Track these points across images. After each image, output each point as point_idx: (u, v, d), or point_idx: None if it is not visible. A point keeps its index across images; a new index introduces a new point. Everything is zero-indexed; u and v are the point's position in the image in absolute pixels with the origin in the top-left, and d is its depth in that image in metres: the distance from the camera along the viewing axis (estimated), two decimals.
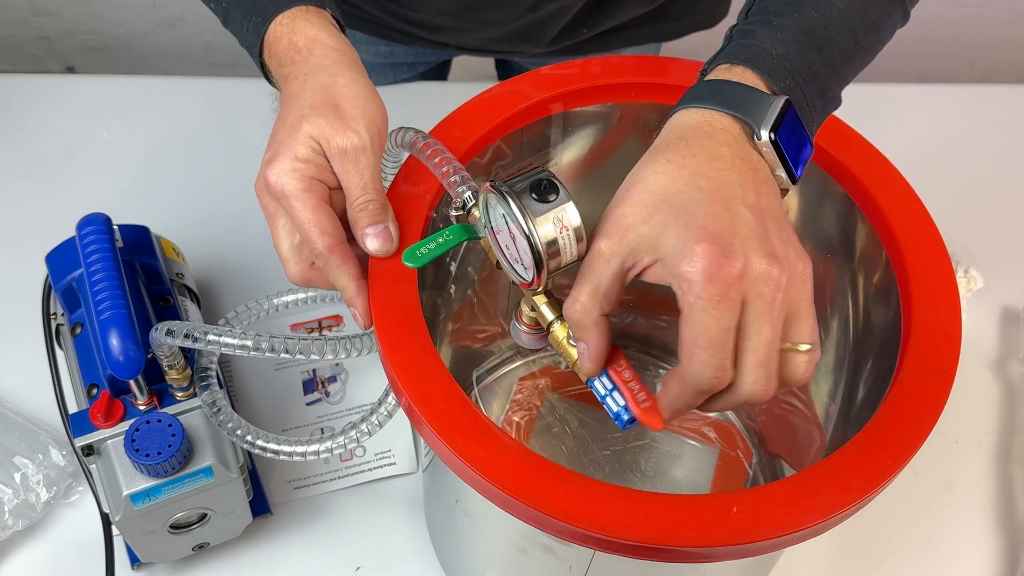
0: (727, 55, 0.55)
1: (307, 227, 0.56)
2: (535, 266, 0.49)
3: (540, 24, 0.92)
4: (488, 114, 0.65)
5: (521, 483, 0.49)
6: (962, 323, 0.57)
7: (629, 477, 0.80)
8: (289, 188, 0.56)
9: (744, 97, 0.52)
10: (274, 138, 0.58)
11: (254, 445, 0.64)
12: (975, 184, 1.03)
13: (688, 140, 0.51)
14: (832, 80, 0.56)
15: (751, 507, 0.49)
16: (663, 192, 0.49)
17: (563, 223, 0.48)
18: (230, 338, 0.60)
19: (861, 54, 0.57)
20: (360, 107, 0.58)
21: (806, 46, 0.54)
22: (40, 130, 1.02)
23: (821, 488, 0.50)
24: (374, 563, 0.77)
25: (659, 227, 0.48)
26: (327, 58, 0.59)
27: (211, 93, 1.06)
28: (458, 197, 0.57)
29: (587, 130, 0.70)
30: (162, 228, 0.83)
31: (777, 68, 0.53)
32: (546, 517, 0.49)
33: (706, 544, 0.48)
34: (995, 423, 0.87)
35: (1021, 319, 0.92)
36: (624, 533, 0.48)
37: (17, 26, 1.77)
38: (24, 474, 0.76)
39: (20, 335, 0.85)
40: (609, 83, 0.67)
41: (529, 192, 0.48)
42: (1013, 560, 0.79)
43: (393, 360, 0.54)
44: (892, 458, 0.51)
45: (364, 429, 0.63)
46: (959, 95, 1.13)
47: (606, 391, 0.52)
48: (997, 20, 1.74)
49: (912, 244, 0.60)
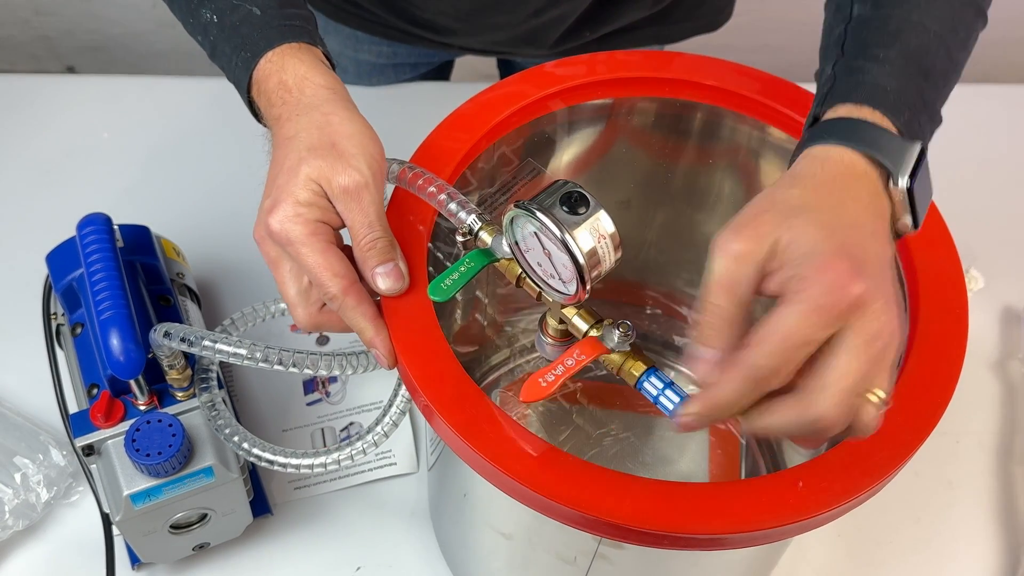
0: (843, 95, 0.53)
1: (319, 271, 0.55)
2: (578, 278, 0.49)
3: (544, 28, 0.92)
4: (492, 112, 0.65)
5: (547, 479, 0.50)
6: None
7: (630, 467, 0.80)
8: (295, 234, 0.55)
9: (882, 140, 0.51)
10: (272, 184, 0.57)
11: (250, 453, 0.64)
12: (975, 184, 1.03)
13: (832, 175, 0.50)
14: (938, 103, 0.56)
15: (772, 492, 0.50)
16: (805, 206, 0.48)
17: (599, 232, 0.48)
18: (225, 345, 0.60)
19: (956, 72, 0.57)
20: (358, 144, 0.56)
21: (914, 75, 0.54)
22: (40, 130, 1.02)
23: (846, 470, 0.51)
24: (374, 563, 0.77)
25: (796, 233, 0.46)
26: (318, 96, 0.58)
27: (211, 93, 1.06)
28: (462, 224, 0.56)
29: (591, 126, 0.70)
30: (162, 228, 0.83)
31: (896, 103, 0.52)
32: (605, 521, 0.49)
33: (734, 530, 0.49)
34: (995, 423, 0.87)
35: (1021, 319, 0.92)
36: (653, 523, 0.49)
37: (17, 26, 1.77)
38: (24, 474, 0.76)
39: (20, 335, 0.85)
40: (613, 78, 0.67)
41: (560, 206, 0.48)
42: (1013, 560, 0.79)
43: (407, 356, 0.54)
44: (911, 435, 0.52)
45: (360, 447, 0.64)
46: (959, 95, 1.13)
47: (658, 390, 0.51)
48: (997, 20, 1.74)
49: (920, 238, 0.60)
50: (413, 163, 0.61)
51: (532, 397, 0.51)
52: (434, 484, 0.75)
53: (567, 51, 0.96)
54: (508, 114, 0.65)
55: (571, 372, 0.51)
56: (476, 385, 0.53)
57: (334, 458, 0.64)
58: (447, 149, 0.63)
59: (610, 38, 0.97)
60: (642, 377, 0.52)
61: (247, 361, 0.59)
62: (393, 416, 0.64)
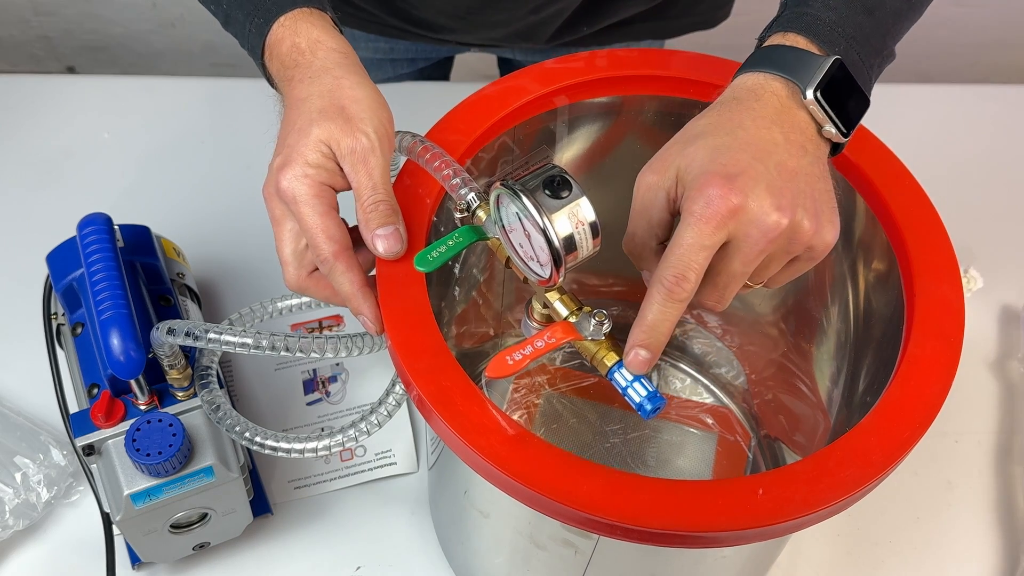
0: (782, 23, 0.58)
1: (315, 232, 0.56)
2: (553, 262, 0.49)
3: (541, 23, 0.92)
4: (492, 108, 0.65)
5: (544, 476, 0.50)
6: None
7: (632, 468, 0.80)
8: (300, 193, 0.56)
9: (794, 60, 0.55)
10: (283, 143, 0.58)
11: (252, 442, 0.64)
12: (975, 184, 1.03)
13: (739, 99, 0.55)
14: (887, 39, 0.59)
15: (776, 488, 0.50)
16: (702, 133, 0.54)
17: (578, 218, 0.48)
18: (231, 336, 0.60)
19: (914, 10, 0.61)
20: (367, 109, 0.58)
21: (857, 10, 0.57)
22: (40, 130, 1.02)
23: (843, 465, 0.51)
24: (375, 563, 0.77)
25: (689, 159, 0.52)
26: (330, 60, 0.60)
27: (211, 93, 1.06)
28: (461, 199, 0.57)
29: (592, 123, 0.70)
30: (163, 228, 0.84)
31: (831, 34, 0.56)
32: (600, 517, 0.49)
33: (731, 528, 0.49)
34: (995, 423, 0.87)
35: (1021, 319, 0.92)
36: (648, 520, 0.49)
37: (17, 26, 1.77)
38: (25, 474, 0.76)
39: (21, 335, 0.85)
40: (614, 76, 0.67)
41: (542, 189, 0.48)
42: (1013, 560, 0.79)
43: (403, 353, 0.54)
44: (909, 430, 0.53)
45: (363, 428, 0.63)
46: (959, 95, 1.13)
47: (627, 382, 0.52)
48: (997, 20, 1.74)
49: (911, 225, 0.61)
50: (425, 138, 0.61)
51: (498, 373, 0.52)
52: (434, 482, 0.76)
53: (564, 45, 0.97)
54: (508, 111, 0.65)
55: (539, 353, 0.52)
56: (471, 381, 0.53)
57: (338, 439, 0.64)
58: (447, 142, 0.63)
59: (607, 33, 0.97)
60: (613, 368, 0.52)
61: (254, 350, 0.60)
62: (389, 407, 0.64)
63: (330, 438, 0.64)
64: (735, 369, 0.84)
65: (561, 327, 0.53)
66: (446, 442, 0.53)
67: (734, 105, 0.55)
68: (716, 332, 0.83)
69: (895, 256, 0.61)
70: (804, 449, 0.76)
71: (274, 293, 0.89)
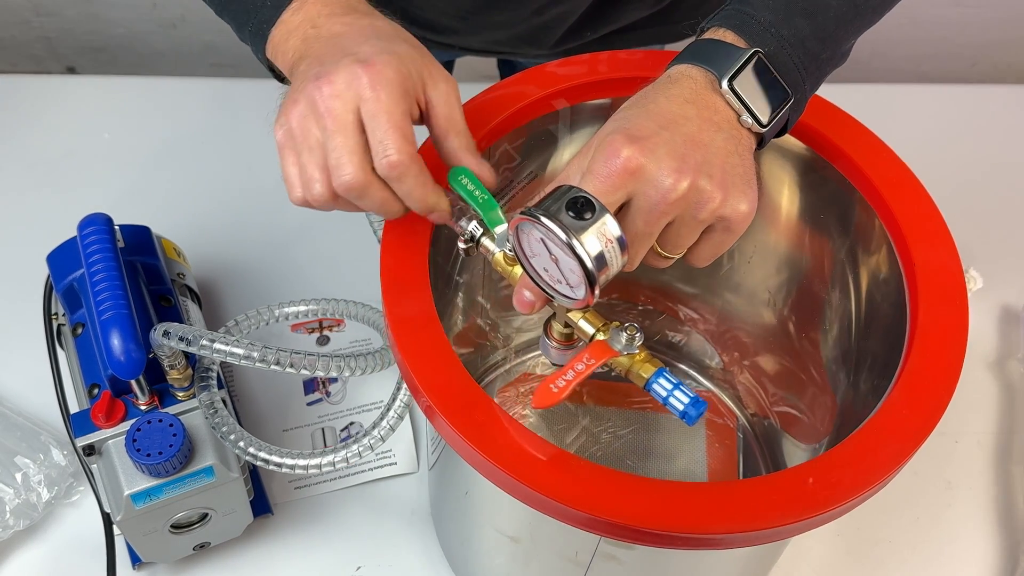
0: (720, 19, 0.59)
1: (395, 129, 0.54)
2: (587, 283, 0.49)
3: (545, 27, 0.92)
4: (493, 112, 0.65)
5: (547, 478, 0.50)
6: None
7: (629, 465, 0.81)
8: (389, 81, 0.55)
9: (715, 52, 0.56)
10: (337, 50, 0.57)
11: (246, 452, 0.64)
12: (975, 184, 1.03)
13: (656, 84, 0.56)
14: (827, 43, 0.59)
15: (788, 487, 0.51)
16: (617, 115, 0.55)
17: (606, 236, 0.48)
18: (223, 344, 0.60)
19: (861, 17, 0.61)
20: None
21: (797, 12, 0.58)
22: (40, 130, 1.02)
23: (848, 468, 0.51)
24: (374, 563, 0.77)
25: (600, 133, 0.54)
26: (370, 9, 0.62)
27: (212, 93, 1.06)
28: (463, 231, 0.57)
29: (593, 126, 0.70)
30: (163, 228, 0.84)
31: (763, 33, 0.57)
32: (615, 522, 0.49)
33: (741, 529, 0.49)
34: (995, 423, 0.87)
35: (1021, 319, 0.92)
36: (652, 522, 0.49)
37: (18, 26, 1.77)
38: (25, 474, 0.76)
39: (21, 335, 0.85)
40: (616, 77, 0.67)
41: (566, 211, 0.48)
42: (1013, 560, 0.79)
43: (409, 357, 0.54)
44: (912, 433, 0.53)
45: (356, 450, 0.64)
46: (959, 95, 1.13)
47: (667, 392, 0.52)
48: (997, 20, 1.74)
49: (909, 217, 0.62)
50: None
51: (545, 403, 0.51)
52: (435, 483, 0.76)
53: (568, 51, 0.96)
54: (509, 113, 0.65)
55: (581, 377, 0.52)
56: (477, 384, 0.53)
57: (329, 460, 0.64)
58: None
59: (611, 38, 0.97)
60: (651, 379, 0.52)
61: (244, 361, 0.60)
62: (391, 420, 0.64)
63: (334, 454, 0.64)
64: (708, 352, 0.85)
65: (597, 347, 0.53)
66: (457, 450, 0.53)
67: (650, 89, 0.56)
68: (695, 322, 0.84)
69: (898, 259, 0.62)
70: (798, 425, 0.76)
71: (274, 293, 0.89)
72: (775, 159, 0.69)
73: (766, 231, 0.73)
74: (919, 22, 1.71)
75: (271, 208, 0.95)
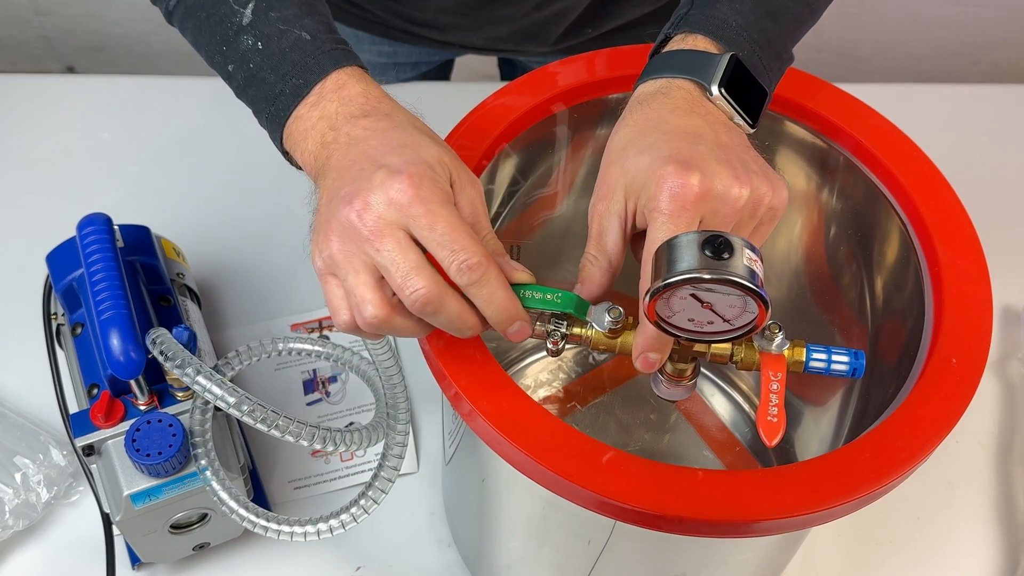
0: (690, 24, 0.59)
1: (458, 235, 0.50)
2: (761, 304, 0.47)
3: (545, 23, 0.92)
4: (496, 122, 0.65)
5: (568, 462, 0.51)
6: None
7: (665, 458, 0.81)
8: (432, 194, 0.50)
9: (695, 61, 0.57)
10: (367, 161, 0.52)
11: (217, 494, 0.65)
12: (975, 184, 1.02)
13: (647, 101, 0.57)
14: (787, 43, 0.61)
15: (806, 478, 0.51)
16: (629, 143, 0.55)
17: (751, 257, 0.47)
18: (204, 378, 0.61)
19: (812, 15, 0.63)
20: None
21: (762, 15, 0.59)
22: (40, 130, 1.02)
23: (873, 459, 0.53)
24: (374, 563, 0.77)
25: (631, 172, 0.53)
26: (394, 106, 0.57)
27: (212, 93, 1.06)
28: (549, 333, 0.54)
29: (595, 127, 0.70)
30: (163, 228, 0.84)
31: (737, 38, 0.58)
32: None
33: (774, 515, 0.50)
34: (995, 423, 0.87)
35: (1021, 319, 0.92)
36: (668, 508, 0.50)
37: (17, 26, 1.77)
38: (25, 474, 0.76)
39: (20, 335, 0.85)
40: (617, 76, 0.67)
41: (715, 258, 0.46)
42: (1013, 560, 0.79)
43: (439, 351, 0.54)
44: (936, 425, 0.56)
45: (363, 505, 0.65)
46: (959, 95, 1.13)
47: (825, 362, 0.54)
48: (997, 20, 1.74)
49: (931, 206, 0.67)
50: None
51: (775, 436, 0.52)
52: (450, 477, 0.76)
53: (569, 48, 0.96)
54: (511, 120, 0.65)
55: (782, 395, 0.53)
56: (504, 371, 0.54)
57: (339, 521, 0.65)
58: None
59: (612, 35, 0.97)
60: (806, 360, 0.54)
61: (220, 402, 0.61)
62: (388, 471, 0.65)
63: (334, 519, 0.65)
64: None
65: (772, 361, 0.54)
66: (481, 436, 0.53)
67: (645, 108, 0.56)
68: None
69: (915, 235, 0.64)
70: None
71: (274, 293, 0.89)
72: (791, 155, 0.70)
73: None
74: (920, 21, 1.71)
75: (271, 208, 0.95)
